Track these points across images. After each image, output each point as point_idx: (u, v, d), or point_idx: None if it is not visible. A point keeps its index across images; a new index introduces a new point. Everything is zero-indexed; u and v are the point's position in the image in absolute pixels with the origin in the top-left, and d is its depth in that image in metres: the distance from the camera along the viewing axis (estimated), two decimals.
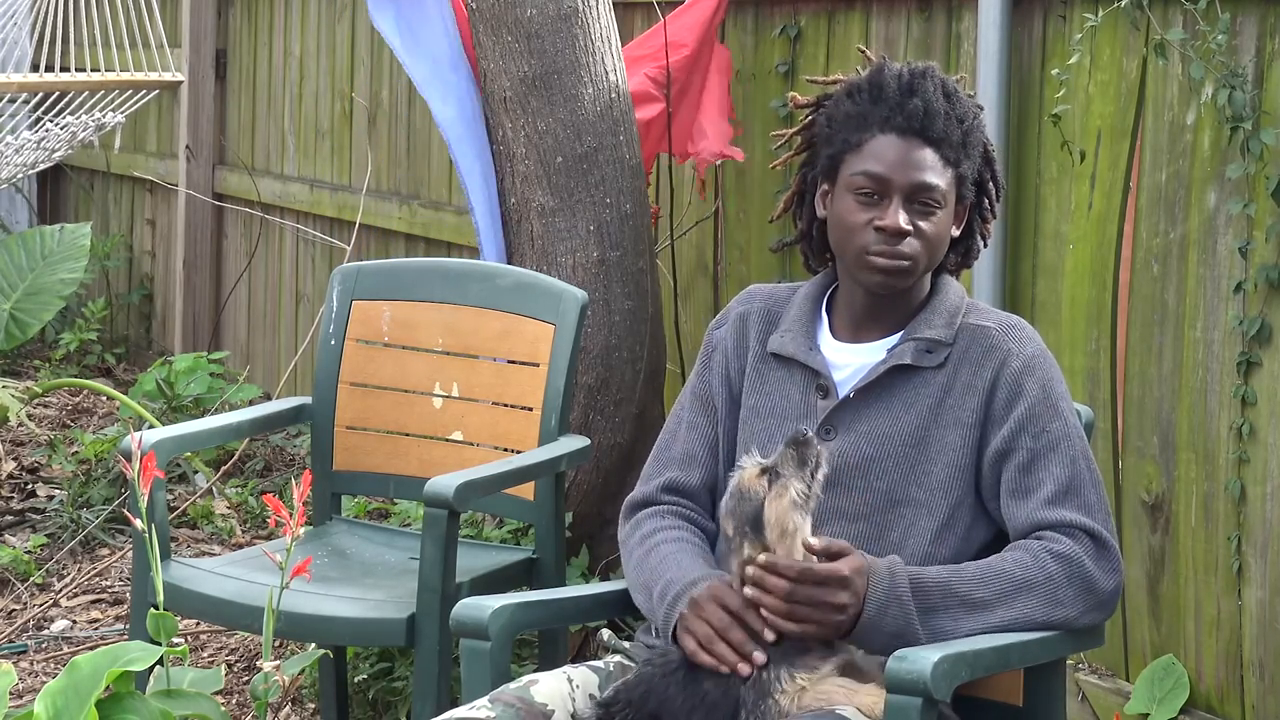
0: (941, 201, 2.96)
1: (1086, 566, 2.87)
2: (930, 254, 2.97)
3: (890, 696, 2.70)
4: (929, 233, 2.95)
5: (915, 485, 2.94)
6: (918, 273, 2.98)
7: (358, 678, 4.36)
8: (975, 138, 3.01)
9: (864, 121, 2.97)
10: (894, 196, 2.94)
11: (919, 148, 2.95)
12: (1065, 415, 2.95)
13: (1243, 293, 3.67)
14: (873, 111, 2.97)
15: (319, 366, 4.21)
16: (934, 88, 2.98)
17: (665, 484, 3.11)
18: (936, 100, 2.96)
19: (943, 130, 2.96)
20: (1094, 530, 2.89)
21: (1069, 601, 2.86)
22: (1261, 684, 3.69)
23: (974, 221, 3.08)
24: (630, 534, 3.10)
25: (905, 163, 2.94)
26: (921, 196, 2.95)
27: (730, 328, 3.13)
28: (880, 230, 2.93)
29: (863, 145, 2.96)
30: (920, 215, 2.95)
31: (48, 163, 6.51)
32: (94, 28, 6.69)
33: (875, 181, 2.94)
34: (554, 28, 4.46)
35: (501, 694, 2.86)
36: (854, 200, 2.96)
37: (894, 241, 2.93)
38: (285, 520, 3.11)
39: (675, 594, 2.91)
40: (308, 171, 6.99)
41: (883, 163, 2.94)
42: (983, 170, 3.06)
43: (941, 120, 2.96)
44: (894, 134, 2.95)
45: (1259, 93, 3.61)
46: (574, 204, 4.48)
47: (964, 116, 3.00)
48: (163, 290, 8.01)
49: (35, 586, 5.33)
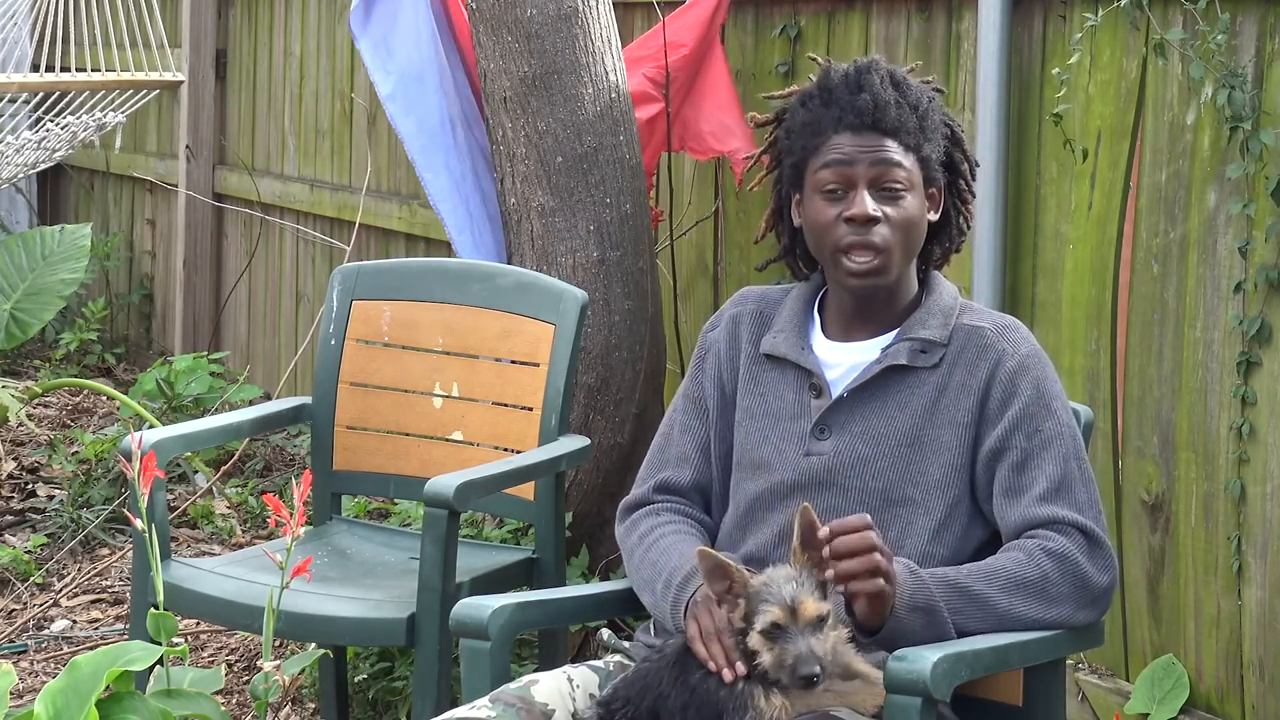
0: (906, 184, 2.98)
1: (1080, 563, 2.87)
2: (905, 241, 2.98)
3: (890, 696, 2.70)
4: (898, 218, 2.97)
5: (911, 485, 2.95)
6: (894, 264, 2.98)
7: (358, 678, 4.37)
8: (933, 120, 3.03)
9: (819, 125, 3.00)
10: (859, 186, 2.96)
11: (875, 139, 2.97)
12: (1059, 414, 2.95)
13: (1243, 293, 3.68)
14: (825, 114, 3.00)
15: (319, 366, 4.21)
16: (880, 80, 3.01)
17: (658, 484, 3.13)
18: (885, 91, 2.99)
19: (896, 119, 2.98)
20: (1086, 527, 2.89)
21: (1063, 598, 2.87)
22: (1261, 684, 3.69)
23: (951, 206, 3.09)
24: (628, 535, 3.11)
25: (864, 152, 2.96)
26: (885, 181, 2.97)
27: (723, 329, 3.14)
28: (850, 221, 2.95)
29: (820, 147, 2.99)
30: (887, 201, 2.96)
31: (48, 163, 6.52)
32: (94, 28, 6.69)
33: (838, 175, 2.97)
34: (554, 28, 4.46)
35: (502, 694, 2.87)
36: (822, 200, 2.99)
37: (864, 231, 2.95)
38: (285, 520, 3.12)
39: (683, 578, 2.93)
40: (308, 171, 6.99)
41: (843, 155, 2.97)
42: (950, 150, 3.08)
43: (893, 109, 2.98)
44: (848, 131, 2.98)
45: (1259, 93, 3.61)
46: (574, 204, 4.49)
47: (917, 102, 3.02)
48: (163, 290, 8.01)
49: (35, 586, 5.34)
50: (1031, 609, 2.85)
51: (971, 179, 3.13)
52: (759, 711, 2.73)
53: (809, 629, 2.70)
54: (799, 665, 2.68)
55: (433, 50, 4.79)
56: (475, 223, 4.78)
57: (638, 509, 3.14)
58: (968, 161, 3.12)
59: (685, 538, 3.03)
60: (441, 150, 4.82)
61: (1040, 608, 2.86)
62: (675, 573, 2.96)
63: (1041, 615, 2.86)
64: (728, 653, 2.79)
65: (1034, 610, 2.85)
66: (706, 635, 2.82)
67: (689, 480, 3.11)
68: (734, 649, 2.79)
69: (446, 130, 4.80)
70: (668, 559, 2.99)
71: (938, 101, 3.07)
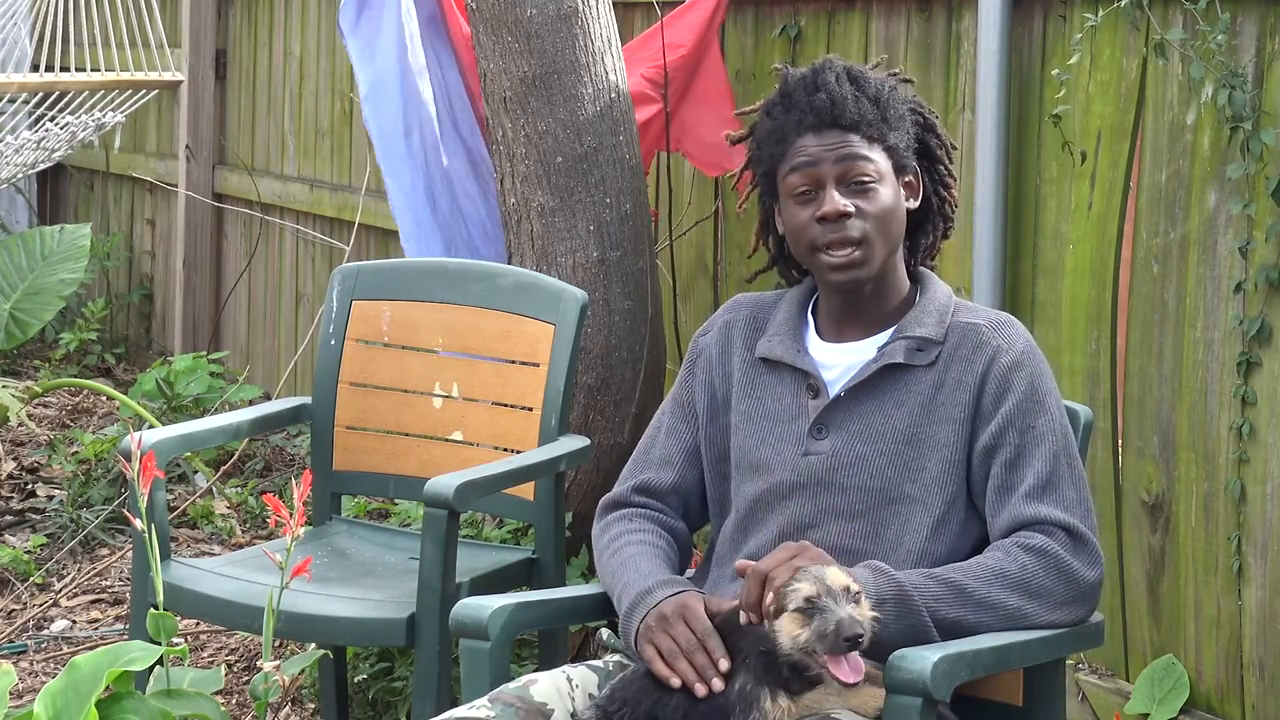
0: (875, 175, 2.99)
1: (1062, 558, 2.87)
2: (883, 232, 2.99)
3: (890, 696, 2.70)
4: (872, 210, 2.98)
5: (909, 482, 2.95)
6: (875, 255, 2.99)
7: (358, 678, 4.37)
8: (896, 109, 3.04)
9: (782, 132, 3.03)
10: (827, 185, 2.98)
11: (838, 136, 2.99)
12: (1051, 411, 2.96)
13: (1243, 293, 3.68)
14: (787, 119, 3.02)
15: (319, 366, 4.21)
16: (834, 77, 3.02)
17: (638, 485, 3.14)
18: (841, 88, 3.01)
19: (855, 113, 2.99)
20: (1069, 525, 2.89)
21: (1046, 591, 2.86)
22: (1261, 684, 3.69)
23: (933, 192, 3.10)
24: (600, 536, 3.13)
25: (828, 150, 2.98)
26: (853, 176, 2.98)
27: (715, 335, 3.15)
28: (822, 220, 2.96)
29: (786, 153, 3.02)
30: (858, 195, 2.98)
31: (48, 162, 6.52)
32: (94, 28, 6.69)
33: (806, 177, 2.99)
34: (554, 28, 4.46)
35: (501, 693, 2.87)
36: (795, 204, 3.00)
37: (838, 228, 2.96)
38: (285, 520, 3.12)
39: (632, 600, 2.93)
40: (307, 171, 6.99)
41: (807, 156, 2.98)
42: (923, 135, 3.09)
43: (851, 104, 2.99)
44: (810, 132, 3.00)
45: (1259, 93, 3.61)
46: (574, 204, 4.49)
47: (876, 94, 3.03)
48: (163, 290, 8.01)
49: (35, 586, 5.34)
50: (1012, 599, 2.85)
51: (950, 161, 3.14)
52: (763, 713, 2.73)
53: (842, 597, 2.71)
54: (842, 629, 2.68)
55: (397, 55, 4.85)
56: (422, 230, 4.87)
57: (614, 510, 3.15)
58: (944, 146, 3.13)
59: (645, 550, 3.03)
60: (396, 157, 4.91)
61: (1021, 599, 2.85)
62: (627, 590, 2.96)
63: (1023, 606, 2.85)
64: (701, 670, 2.79)
65: (1015, 600, 2.85)
66: (670, 656, 2.82)
67: (669, 483, 3.12)
68: (709, 665, 2.79)
69: (400, 137, 4.90)
70: (624, 571, 3.00)
71: (901, 90, 3.08)
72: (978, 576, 2.86)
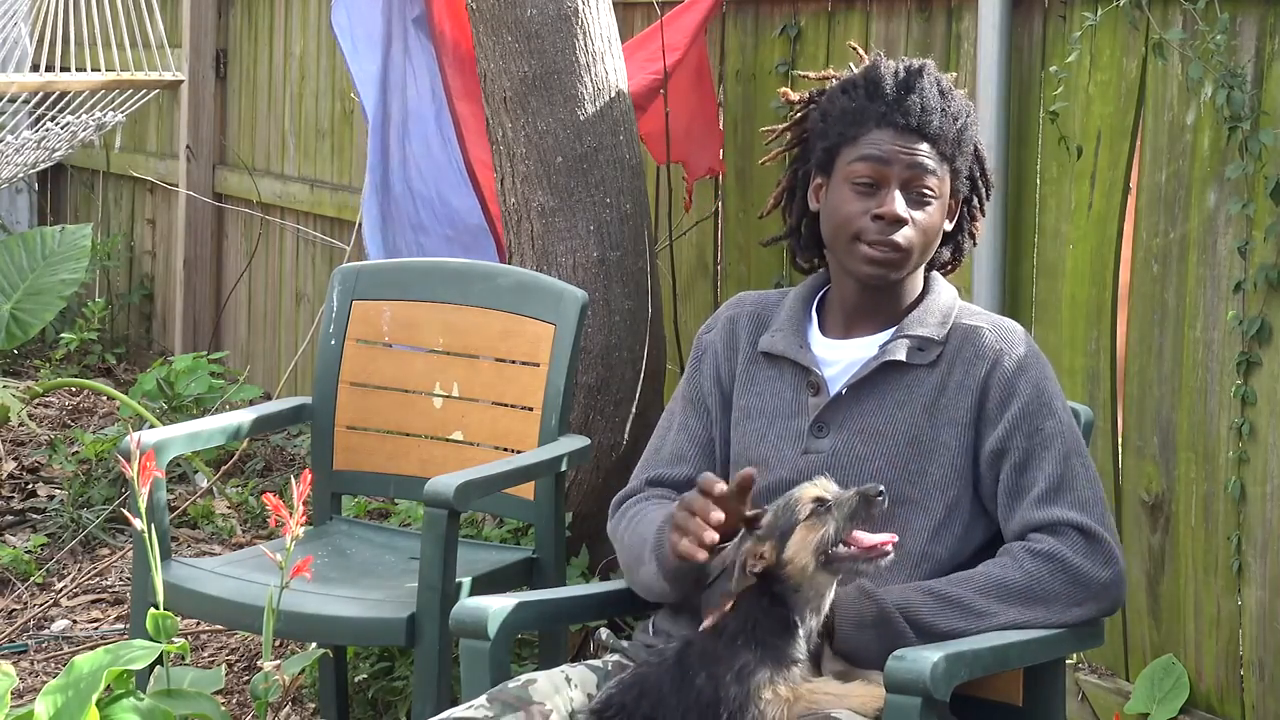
0: (936, 192, 2.99)
1: (1071, 560, 2.87)
2: (924, 245, 3.00)
3: (890, 696, 2.70)
4: (923, 223, 2.98)
5: (910, 484, 2.95)
6: (910, 264, 2.99)
7: (358, 678, 4.37)
8: (969, 135, 3.04)
9: (860, 116, 3.00)
10: (891, 185, 2.97)
11: (916, 142, 2.98)
12: (1059, 413, 2.95)
13: (1242, 292, 3.68)
14: (869, 107, 3.00)
15: (319, 366, 4.21)
16: (930, 85, 3.01)
17: (651, 479, 3.14)
18: (932, 97, 2.99)
19: (939, 127, 2.98)
20: (1081, 524, 2.89)
21: (1053, 597, 2.86)
22: (1261, 684, 3.69)
23: (964, 219, 3.10)
24: (616, 525, 3.12)
25: (903, 153, 2.97)
26: (919, 185, 2.97)
27: (719, 331, 3.15)
28: (878, 219, 2.96)
29: (859, 138, 2.99)
30: (916, 205, 2.98)
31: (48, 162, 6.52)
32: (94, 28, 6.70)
33: (872, 170, 2.97)
34: (554, 28, 4.46)
35: (499, 693, 2.86)
36: (851, 190, 2.98)
37: (890, 230, 2.95)
38: (285, 520, 3.12)
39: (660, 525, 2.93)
40: (308, 171, 6.99)
41: (882, 152, 2.97)
42: (974, 168, 3.09)
43: (938, 117, 2.98)
44: (890, 129, 2.98)
45: (1258, 93, 3.61)
46: (574, 204, 4.49)
47: (958, 114, 3.02)
48: (163, 290, 8.01)
49: (35, 586, 5.34)
50: (1013, 608, 2.84)
51: (986, 199, 3.14)
52: (760, 713, 2.73)
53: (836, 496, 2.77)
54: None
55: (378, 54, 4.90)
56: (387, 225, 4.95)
57: (626, 500, 3.14)
58: (985, 183, 3.13)
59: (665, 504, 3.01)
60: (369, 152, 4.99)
61: (1024, 606, 2.84)
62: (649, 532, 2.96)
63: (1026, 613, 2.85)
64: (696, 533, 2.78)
65: (1016, 608, 2.84)
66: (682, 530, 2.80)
67: (684, 477, 3.10)
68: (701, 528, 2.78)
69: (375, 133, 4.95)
70: (649, 525, 2.99)
71: (973, 117, 3.07)
72: (979, 587, 2.85)
